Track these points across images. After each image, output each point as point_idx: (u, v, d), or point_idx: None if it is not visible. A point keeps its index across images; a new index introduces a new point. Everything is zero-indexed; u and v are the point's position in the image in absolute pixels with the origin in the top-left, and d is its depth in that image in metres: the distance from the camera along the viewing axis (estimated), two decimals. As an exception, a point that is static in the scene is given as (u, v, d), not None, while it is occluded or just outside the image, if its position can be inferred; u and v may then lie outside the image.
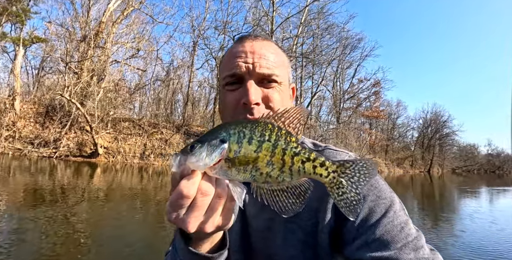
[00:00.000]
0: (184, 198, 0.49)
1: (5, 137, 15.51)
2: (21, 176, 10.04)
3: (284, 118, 0.53)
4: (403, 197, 13.57)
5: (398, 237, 0.66)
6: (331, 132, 28.37)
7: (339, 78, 34.71)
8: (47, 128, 16.67)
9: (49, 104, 17.95)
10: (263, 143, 0.51)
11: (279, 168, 0.51)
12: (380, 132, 39.57)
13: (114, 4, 21.41)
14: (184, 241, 0.65)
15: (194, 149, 0.50)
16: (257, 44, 0.83)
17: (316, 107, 33.75)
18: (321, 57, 25.92)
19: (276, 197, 0.52)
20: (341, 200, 0.53)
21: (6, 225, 5.25)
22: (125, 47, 22.14)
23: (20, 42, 19.80)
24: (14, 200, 6.94)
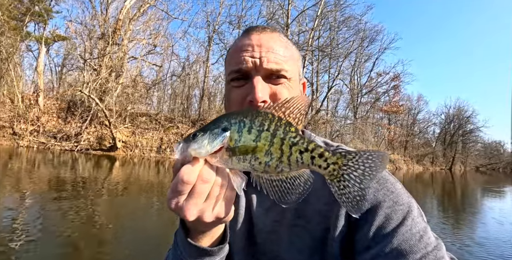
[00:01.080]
0: (184, 184, 0.49)
1: (30, 131, 16.25)
2: (45, 168, 10.46)
3: (285, 108, 0.52)
4: (422, 195, 13.07)
5: (417, 247, 0.61)
6: (348, 127, 27.74)
7: (356, 72, 33.76)
8: (68, 123, 17.30)
9: (70, 100, 18.61)
10: (262, 132, 0.50)
11: (278, 158, 0.50)
12: (399, 128, 38.27)
13: (130, 2, 21.73)
14: (185, 233, 0.65)
15: (196, 137, 0.51)
16: (264, 36, 0.77)
17: (333, 101, 33.13)
18: (337, 51, 25.27)
19: (276, 187, 0.51)
20: (342, 195, 0.50)
21: (32, 214, 5.47)
22: (141, 44, 22.48)
23: (43, 40, 20.57)
24: (39, 190, 7.22)
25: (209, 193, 0.53)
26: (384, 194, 0.69)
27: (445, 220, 7.59)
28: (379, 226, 0.65)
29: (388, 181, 0.72)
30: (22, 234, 4.44)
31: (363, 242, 0.66)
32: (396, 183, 0.73)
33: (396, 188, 0.71)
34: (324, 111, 27.68)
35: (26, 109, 16.96)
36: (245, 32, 0.81)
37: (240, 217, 0.79)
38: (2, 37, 17.19)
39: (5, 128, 16.06)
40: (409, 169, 31.74)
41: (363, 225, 0.67)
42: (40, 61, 20.08)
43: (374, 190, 0.70)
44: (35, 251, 3.96)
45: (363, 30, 29.41)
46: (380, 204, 0.67)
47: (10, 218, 5.16)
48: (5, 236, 4.32)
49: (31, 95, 18.62)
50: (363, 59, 33.21)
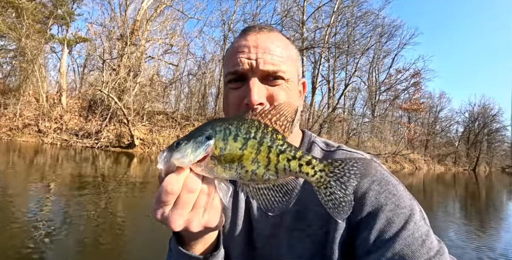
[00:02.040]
0: (169, 194, 0.48)
1: (54, 129, 16.93)
2: (67, 164, 10.84)
3: (271, 115, 0.52)
4: (443, 197, 12.52)
5: (420, 252, 0.59)
6: (365, 126, 27.06)
7: (375, 69, 32.79)
8: (89, 121, 17.90)
9: (91, 99, 19.24)
10: (248, 140, 0.50)
11: (265, 166, 0.50)
12: (420, 126, 36.88)
13: (147, 3, 22.15)
14: (177, 240, 0.65)
15: (179, 145, 0.50)
16: (261, 37, 0.75)
17: (350, 99, 32.40)
18: (354, 47, 24.66)
19: (263, 196, 0.51)
20: (329, 201, 0.50)
21: (56, 207, 5.67)
22: (158, 43, 22.89)
23: (65, 42, 21.37)
24: (62, 185, 7.48)
25: (195, 203, 0.51)
26: (386, 196, 0.68)
27: (468, 224, 7.12)
28: (381, 230, 0.64)
29: (390, 183, 0.71)
30: (46, 225, 4.59)
31: (364, 246, 0.65)
32: (398, 185, 0.71)
33: (398, 191, 0.70)
34: (340, 109, 27.14)
35: (50, 108, 17.68)
36: (242, 33, 0.79)
37: (239, 220, 0.78)
38: (27, 40, 17.98)
39: (31, 126, 16.83)
40: (429, 169, 30.57)
41: (364, 229, 0.66)
42: (63, 62, 20.90)
43: (376, 193, 0.69)
44: (58, 242, 4.07)
45: (381, 26, 28.55)
46: (382, 207, 0.66)
47: (36, 210, 5.36)
48: (30, 227, 4.48)
49: (54, 95, 19.40)
50: (381, 55, 32.25)
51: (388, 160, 25.78)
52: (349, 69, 27.88)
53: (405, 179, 18.23)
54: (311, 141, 0.85)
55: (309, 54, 25.48)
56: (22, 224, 4.59)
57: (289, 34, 23.40)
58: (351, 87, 29.14)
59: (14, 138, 16.01)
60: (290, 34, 23.40)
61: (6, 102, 17.23)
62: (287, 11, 22.05)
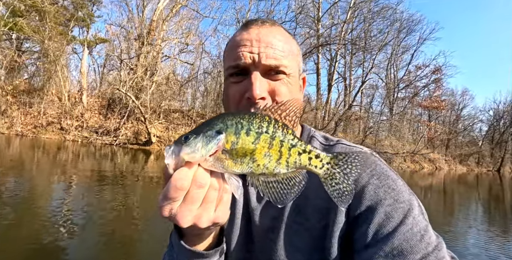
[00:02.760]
0: (178, 190, 0.47)
1: (75, 126, 17.57)
2: (88, 160, 11.20)
3: (281, 111, 0.53)
4: (465, 199, 11.96)
5: (418, 247, 0.59)
6: (383, 124, 26.33)
7: (393, 65, 31.72)
8: (108, 119, 18.43)
9: (110, 97, 19.80)
10: (261, 134, 0.51)
11: (276, 160, 0.51)
12: (441, 125, 35.46)
13: (163, 3, 22.51)
14: (180, 236, 0.64)
15: (188, 140, 0.49)
16: (263, 30, 0.74)
17: (367, 97, 31.61)
18: (371, 43, 24.02)
19: (272, 189, 0.52)
20: (334, 191, 0.54)
21: (76, 200, 5.86)
22: (174, 43, 23.22)
23: (85, 43, 22.09)
24: (82, 180, 7.73)
25: (204, 198, 0.50)
26: (385, 191, 0.67)
27: (490, 229, 6.69)
28: (379, 225, 0.63)
29: (390, 178, 0.71)
30: (67, 217, 4.75)
31: (362, 241, 0.64)
32: (398, 180, 0.71)
33: (397, 185, 0.69)
34: (357, 107, 26.55)
35: (72, 107, 18.35)
36: (244, 26, 0.78)
37: (238, 213, 0.78)
38: (50, 42, 18.70)
39: (54, 124, 17.54)
40: (450, 169, 29.36)
41: (363, 223, 0.66)
42: (83, 62, 21.62)
43: (375, 187, 0.68)
44: (78, 232, 4.20)
45: (399, 20, 27.57)
46: (381, 202, 0.66)
47: (59, 202, 5.56)
48: (53, 219, 4.65)
49: (76, 94, 20.11)
50: (400, 51, 31.16)
51: (407, 160, 24.99)
52: (366, 66, 27.20)
53: (424, 180, 17.62)
54: (310, 135, 0.85)
55: (325, 51, 25.08)
56: (46, 215, 4.77)
57: (304, 31, 23.13)
58: (368, 85, 28.47)
59: (39, 135, 16.74)
60: (304, 31, 23.12)
61: (31, 101, 18.03)
62: (301, 8, 21.74)
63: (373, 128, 24.54)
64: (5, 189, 6.00)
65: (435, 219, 7.20)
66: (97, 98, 20.59)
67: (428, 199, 10.52)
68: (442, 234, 4.11)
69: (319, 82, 26.35)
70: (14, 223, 4.35)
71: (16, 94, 18.55)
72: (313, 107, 23.74)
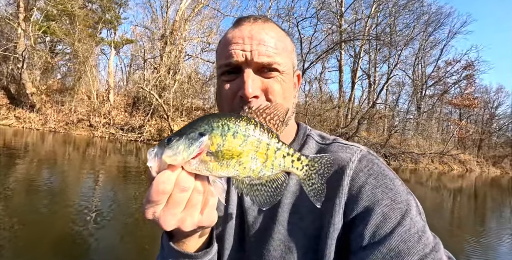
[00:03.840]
0: (160, 194, 0.47)
1: (103, 123, 18.37)
2: (114, 156, 11.65)
3: (266, 114, 0.54)
4: (498, 204, 11.13)
5: (416, 248, 0.59)
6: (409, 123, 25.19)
7: (421, 61, 30.17)
8: (133, 116, 19.10)
9: (135, 96, 20.50)
10: (248, 137, 0.50)
11: (262, 163, 0.51)
12: (473, 124, 33.33)
13: (185, 3, 22.92)
14: (169, 237, 0.64)
15: (171, 142, 0.48)
16: (256, 27, 0.72)
17: (393, 94, 30.38)
18: (396, 38, 22.98)
19: (256, 191, 0.52)
20: (311, 190, 0.56)
21: (103, 193, 6.10)
22: (196, 42, 23.61)
23: (112, 44, 23.01)
24: (110, 174, 8.06)
25: (188, 201, 0.49)
26: (382, 191, 0.66)
27: None
28: (376, 225, 0.63)
29: (387, 177, 0.69)
30: (95, 209, 4.96)
31: (359, 241, 0.64)
32: (395, 179, 0.70)
33: (395, 185, 0.68)
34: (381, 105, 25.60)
35: (100, 105, 19.19)
36: (236, 23, 0.76)
37: (231, 213, 0.77)
38: (80, 44, 19.64)
39: (83, 121, 18.45)
40: (483, 172, 27.54)
41: (360, 224, 0.65)
42: (110, 62, 22.53)
43: (372, 187, 0.67)
44: (104, 223, 4.37)
45: (428, 14, 26.08)
46: (378, 202, 0.65)
47: (87, 195, 5.81)
48: (82, 209, 4.86)
49: (104, 93, 21.03)
50: (428, 46, 29.55)
51: (434, 161, 23.77)
52: (391, 62, 26.11)
53: (453, 182, 16.70)
54: (306, 134, 0.84)
55: (348, 48, 24.40)
56: (76, 205, 5.00)
57: (325, 27, 22.63)
58: (394, 82, 27.32)
59: (70, 132, 17.69)
60: (326, 27, 22.62)
61: (63, 100, 19.06)
62: (322, 4, 21.21)
63: (398, 127, 23.55)
64: (40, 180, 6.37)
65: (464, 226, 6.76)
66: (123, 97, 21.41)
67: (458, 203, 9.92)
68: (471, 243, 3.80)
69: (341, 79, 25.74)
70: (48, 211, 4.61)
71: (50, 93, 19.71)
72: (335, 105, 23.20)
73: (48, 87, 20.17)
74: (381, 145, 21.24)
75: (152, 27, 23.39)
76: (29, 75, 18.70)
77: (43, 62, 20.14)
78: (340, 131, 20.95)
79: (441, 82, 31.02)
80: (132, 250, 3.67)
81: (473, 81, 32.25)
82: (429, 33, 27.87)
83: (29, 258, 3.14)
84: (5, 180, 5.96)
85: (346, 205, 0.68)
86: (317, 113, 21.83)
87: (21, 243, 3.44)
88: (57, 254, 3.34)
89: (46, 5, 19.31)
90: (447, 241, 5.19)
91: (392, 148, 21.98)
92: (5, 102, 18.93)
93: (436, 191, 12.36)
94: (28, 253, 3.24)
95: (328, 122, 23.06)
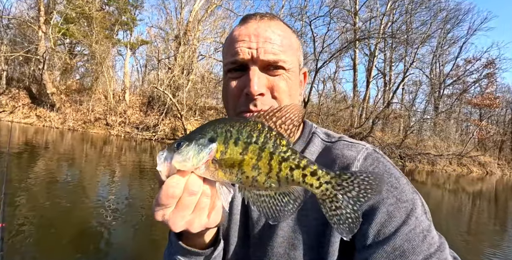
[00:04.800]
0: (169, 198, 0.47)
1: (119, 122, 18.85)
2: (129, 154, 11.92)
3: (276, 118, 0.48)
4: None
5: (420, 248, 0.58)
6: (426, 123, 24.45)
7: (438, 59, 29.18)
8: (148, 116, 19.49)
9: (150, 95, 20.93)
10: (249, 145, 0.47)
11: (266, 173, 0.47)
12: (494, 125, 31.96)
13: (198, 4, 23.17)
14: (177, 235, 0.66)
15: (180, 147, 0.47)
16: (262, 25, 0.73)
17: (410, 94, 29.54)
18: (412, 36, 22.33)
19: (264, 203, 0.48)
20: (334, 216, 0.47)
21: (119, 189, 6.25)
22: (209, 42, 23.82)
23: (128, 45, 23.56)
24: (125, 172, 8.24)
25: (197, 205, 0.50)
26: (388, 190, 0.66)
27: None
28: (381, 224, 0.62)
29: (393, 176, 0.69)
30: (111, 204, 5.08)
31: (363, 240, 0.64)
32: (401, 178, 0.69)
33: (400, 184, 0.68)
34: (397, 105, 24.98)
35: (116, 104, 19.69)
36: (242, 21, 0.77)
37: (236, 210, 0.78)
38: (97, 45, 20.22)
39: (100, 120, 19.00)
40: (504, 175, 26.34)
41: (364, 222, 0.64)
42: (126, 63, 23.08)
43: None
44: (120, 218, 4.48)
45: (445, 10, 25.17)
46: (383, 201, 0.64)
47: (104, 190, 5.97)
48: (99, 204, 5.00)
49: (120, 92, 21.57)
50: (446, 43, 28.55)
51: (452, 162, 22.97)
52: (408, 60, 25.43)
53: (472, 185, 16.07)
54: (311, 131, 0.83)
55: (363, 46, 23.96)
56: (93, 201, 5.15)
57: (339, 26, 22.30)
58: (411, 81, 26.57)
59: (87, 130, 18.25)
60: (339, 26, 22.29)
61: (81, 99, 19.69)
62: (335, 2, 20.88)
63: (415, 128, 22.90)
64: (59, 176, 6.60)
65: (482, 233, 6.46)
66: (138, 96, 21.89)
67: (477, 208, 9.52)
68: (489, 253, 3.56)
69: (355, 79, 25.29)
70: (67, 205, 4.76)
71: (69, 93, 20.40)
72: (349, 105, 22.84)
73: (67, 87, 20.90)
74: (396, 145, 20.72)
75: (167, 28, 23.80)
76: (49, 76, 19.44)
77: (62, 63, 20.87)
78: (354, 131, 20.61)
79: (460, 81, 29.76)
80: (145, 244, 3.75)
81: (494, 80, 30.76)
82: (447, 30, 26.88)
83: (49, 249, 3.26)
84: (27, 176, 6.21)
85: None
86: (330, 112, 21.57)
87: (42, 234, 3.59)
88: (74, 245, 3.46)
89: (66, 8, 20.01)
90: (464, 248, 5.00)
91: (408, 149, 21.40)
92: (27, 101, 19.76)
93: (454, 194, 11.93)
94: (48, 244, 3.37)
95: (342, 122, 22.72)
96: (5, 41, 21.34)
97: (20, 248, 3.19)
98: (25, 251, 3.15)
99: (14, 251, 3.09)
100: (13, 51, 20.54)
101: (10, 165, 6.95)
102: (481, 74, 29.71)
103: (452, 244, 0.64)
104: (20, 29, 21.64)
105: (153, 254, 3.44)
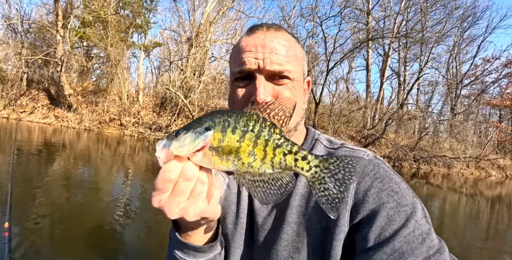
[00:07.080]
0: (166, 182, 0.49)
1: (132, 123, 19.26)
2: (142, 153, 12.14)
3: (270, 110, 0.53)
4: None
5: (419, 250, 0.60)
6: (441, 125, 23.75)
7: (455, 59, 28.27)
8: (161, 116, 19.84)
9: (162, 96, 21.30)
10: (246, 133, 0.51)
11: (261, 159, 0.51)
12: (515, 126, 30.70)
13: (210, 6, 23.42)
14: (176, 229, 0.68)
15: (178, 135, 0.51)
16: (268, 36, 0.75)
17: (426, 94, 28.75)
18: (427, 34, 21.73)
19: (258, 188, 0.51)
20: (323, 196, 0.51)
21: (132, 188, 6.38)
22: (221, 44, 24.02)
23: (142, 48, 24.07)
24: (138, 171, 8.41)
25: (192, 191, 0.51)
26: (388, 194, 0.68)
27: None
28: (381, 227, 0.64)
29: (393, 181, 0.71)
30: (124, 202, 5.19)
31: (364, 243, 0.65)
32: (401, 183, 0.71)
33: (400, 188, 0.70)
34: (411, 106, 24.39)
35: (130, 105, 20.14)
36: (249, 31, 0.79)
37: (242, 213, 0.80)
38: (112, 48, 20.76)
39: (115, 120, 19.47)
40: (524, 178, 25.28)
41: (365, 226, 0.66)
42: (140, 65, 23.60)
43: (378, 190, 0.69)
44: (133, 217, 4.57)
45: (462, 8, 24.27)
46: (383, 205, 0.66)
47: (118, 189, 6.11)
48: (112, 202, 5.12)
49: (134, 94, 22.05)
50: (463, 42, 27.57)
51: (470, 165, 22.19)
52: (423, 59, 24.79)
53: (491, 189, 15.46)
54: (314, 138, 0.86)
55: (376, 46, 23.57)
56: (107, 199, 5.28)
57: (350, 26, 22.03)
58: (427, 81, 25.88)
59: (102, 130, 18.73)
60: (351, 26, 22.01)
61: (97, 100, 20.25)
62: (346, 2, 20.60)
63: (430, 129, 22.28)
64: (75, 175, 6.80)
65: (502, 238, 6.19)
66: (151, 97, 22.32)
67: (496, 213, 9.15)
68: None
69: (368, 79, 24.89)
70: (81, 203, 4.91)
71: (85, 94, 21.02)
72: (362, 106, 22.49)
73: (83, 89, 21.54)
74: (410, 148, 20.22)
75: (180, 30, 24.18)
76: (67, 78, 20.10)
77: (79, 65, 21.55)
78: (367, 133, 20.27)
79: (479, 81, 28.68)
80: (157, 241, 3.81)
81: (515, 80, 29.63)
82: (464, 29, 25.99)
83: (64, 245, 3.37)
84: (45, 174, 6.44)
85: (352, 208, 0.69)
86: (343, 113, 21.29)
87: (58, 231, 3.72)
88: (87, 242, 3.56)
89: (83, 13, 20.66)
90: (479, 254, 4.77)
91: (422, 151, 20.84)
92: (46, 102, 20.50)
93: (472, 198, 11.52)
94: (63, 241, 3.49)
95: (354, 123, 22.39)
96: (25, 44, 22.27)
97: (36, 241, 3.34)
98: (41, 245, 3.28)
99: (29, 247, 3.21)
100: (33, 54, 21.40)
101: (29, 164, 7.22)
102: (500, 73, 28.43)
103: (468, 251, 0.63)
104: (40, 33, 22.52)
105: (164, 252, 3.50)
